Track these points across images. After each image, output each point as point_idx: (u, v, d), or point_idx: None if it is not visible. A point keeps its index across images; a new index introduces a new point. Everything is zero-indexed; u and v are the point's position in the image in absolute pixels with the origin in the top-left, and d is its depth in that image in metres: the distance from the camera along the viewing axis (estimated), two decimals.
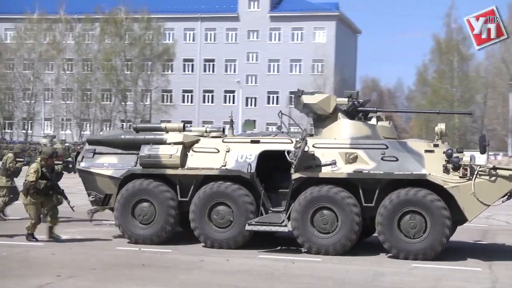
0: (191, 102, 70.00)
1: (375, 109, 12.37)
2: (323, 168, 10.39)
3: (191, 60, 69.75)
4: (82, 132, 64.97)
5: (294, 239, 10.37)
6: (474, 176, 9.92)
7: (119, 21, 63.85)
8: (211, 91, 69.54)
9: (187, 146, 11.13)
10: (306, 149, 10.20)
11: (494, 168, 10.11)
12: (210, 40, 69.71)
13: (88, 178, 11.41)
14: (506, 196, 10.54)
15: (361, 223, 10.17)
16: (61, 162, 13.98)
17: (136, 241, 10.86)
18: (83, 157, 11.48)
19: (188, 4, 68.14)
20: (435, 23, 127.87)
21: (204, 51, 69.51)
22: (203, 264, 9.10)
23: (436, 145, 10.45)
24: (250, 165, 10.58)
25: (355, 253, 9.96)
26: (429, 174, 10.05)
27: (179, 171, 10.87)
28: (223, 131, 12.23)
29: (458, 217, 10.21)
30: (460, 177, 9.99)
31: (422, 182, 10.18)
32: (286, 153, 10.36)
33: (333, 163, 10.29)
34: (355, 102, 11.57)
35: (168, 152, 10.77)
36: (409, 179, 10.23)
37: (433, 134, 12.39)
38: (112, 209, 11.66)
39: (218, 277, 8.28)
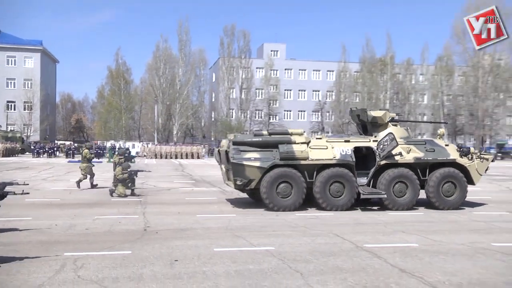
0: None
1: (397, 119, 16.90)
2: (395, 157, 14.80)
3: None
4: None
5: None
6: (474, 159, 15.56)
7: None
8: None
9: (307, 144, 14.58)
10: (395, 145, 14.51)
11: (480, 154, 16.04)
12: None
13: (238, 168, 14.17)
14: (486, 170, 16.09)
15: (417, 189, 14.88)
16: (123, 156, 18.39)
17: (278, 209, 14.02)
18: (233, 154, 14.19)
19: None
20: (109, 58, 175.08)
21: None
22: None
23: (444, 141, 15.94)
24: (351, 156, 14.61)
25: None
26: (456, 158, 15.29)
27: (308, 162, 14.33)
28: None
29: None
30: (468, 159, 15.46)
31: (450, 163, 15.30)
32: (375, 147, 14.86)
33: (400, 153, 14.80)
34: (397, 114, 17.21)
35: (300, 149, 14.34)
36: (448, 162, 15.32)
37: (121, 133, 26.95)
38: (252, 189, 14.98)
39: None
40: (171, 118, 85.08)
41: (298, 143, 14.53)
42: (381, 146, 14.77)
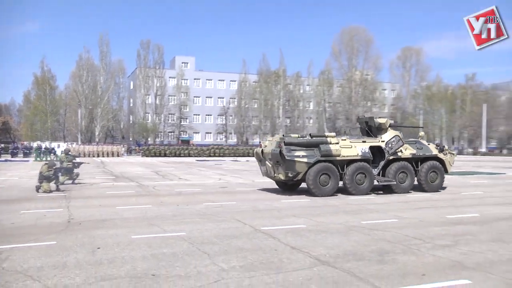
0: None
1: (393, 124, 18.13)
2: (398, 153, 16.28)
3: None
4: None
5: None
6: (448, 154, 17.30)
7: None
8: None
9: (338, 144, 15.41)
10: (402, 145, 16.33)
11: (448, 149, 17.66)
12: None
13: (290, 164, 14.78)
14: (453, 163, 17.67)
15: (414, 176, 16.42)
16: (71, 163, 18.59)
17: (321, 195, 14.82)
18: (286, 152, 14.82)
19: None
20: (35, 65, 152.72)
21: None
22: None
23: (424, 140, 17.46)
24: (369, 153, 15.70)
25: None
26: (437, 154, 16.92)
27: (340, 158, 15.24)
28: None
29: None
30: (444, 154, 17.08)
31: (433, 157, 16.80)
32: (384, 145, 16.20)
33: (401, 150, 16.31)
34: (394, 121, 18.41)
35: (335, 148, 15.19)
36: (431, 157, 16.82)
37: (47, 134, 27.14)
38: (299, 180, 15.58)
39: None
40: (93, 120, 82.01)
41: (333, 144, 15.44)
42: (390, 145, 16.22)
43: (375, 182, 15.90)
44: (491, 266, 6.51)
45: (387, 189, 16.19)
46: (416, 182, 16.75)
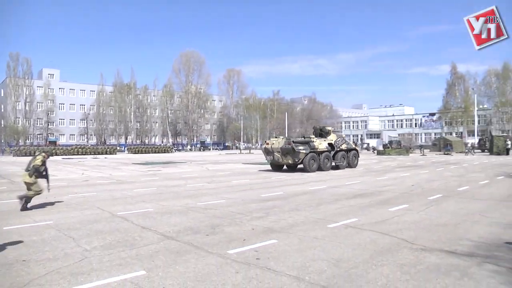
0: None
1: (333, 130, 21.79)
2: (341, 146, 20.20)
3: None
4: None
5: None
6: (359, 147, 24.81)
7: None
8: None
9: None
10: (344, 142, 20.48)
11: (357, 145, 22.69)
12: None
13: (297, 154, 17.94)
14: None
15: (347, 160, 20.42)
16: None
17: (311, 172, 18.15)
18: (295, 147, 18.02)
19: None
20: None
21: None
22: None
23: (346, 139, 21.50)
24: (329, 147, 19.48)
25: None
26: (356, 147, 21.23)
27: (319, 150, 18.74)
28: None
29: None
30: (357, 147, 21.12)
31: (353, 148, 20.94)
32: (333, 142, 19.94)
33: (342, 145, 20.21)
34: (333, 129, 21.85)
35: (316, 144, 18.87)
36: (353, 149, 20.91)
37: None
38: (298, 163, 18.69)
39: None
40: None
41: (315, 142, 18.97)
42: (338, 142, 20.36)
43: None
44: (291, 228, 7.04)
45: (335, 168, 20.51)
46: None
